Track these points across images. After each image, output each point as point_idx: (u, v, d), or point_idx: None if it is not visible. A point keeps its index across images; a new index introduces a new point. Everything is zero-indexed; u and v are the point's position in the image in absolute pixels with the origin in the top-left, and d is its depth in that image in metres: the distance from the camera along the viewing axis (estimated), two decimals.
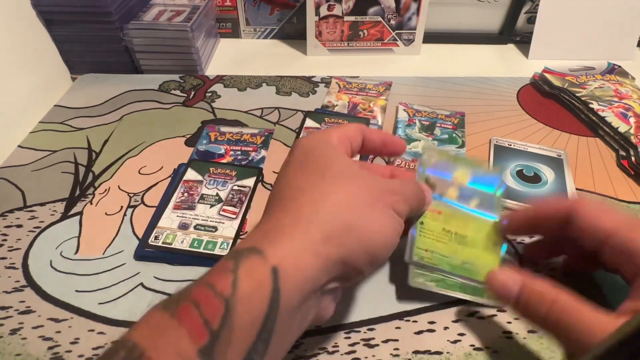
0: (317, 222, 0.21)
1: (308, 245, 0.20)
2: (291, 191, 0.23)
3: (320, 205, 0.22)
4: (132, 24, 0.52)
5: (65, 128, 0.46)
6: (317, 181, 0.23)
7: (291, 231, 0.21)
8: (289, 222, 0.21)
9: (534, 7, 0.63)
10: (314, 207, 0.22)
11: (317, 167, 0.24)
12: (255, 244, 0.20)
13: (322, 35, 0.61)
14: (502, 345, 0.28)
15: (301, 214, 0.22)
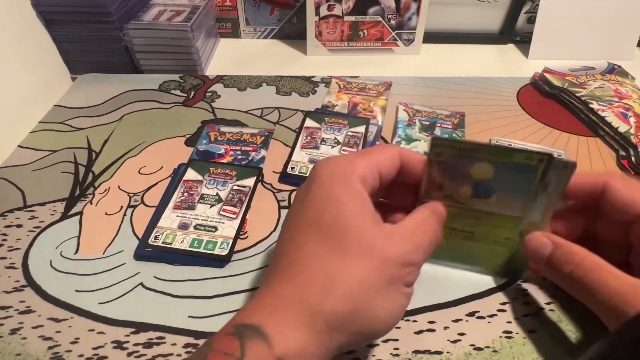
0: (324, 312, 0.20)
1: (311, 336, 0.20)
2: (302, 257, 0.22)
3: (330, 292, 0.21)
4: (132, 24, 0.52)
5: (65, 128, 0.46)
6: (330, 253, 0.21)
7: (298, 316, 0.20)
8: (296, 303, 0.20)
9: (534, 7, 0.63)
10: (323, 292, 0.21)
11: (332, 231, 0.22)
12: (262, 323, 0.20)
13: (322, 35, 0.61)
14: (502, 345, 0.28)
15: (310, 294, 0.21)
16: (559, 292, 0.31)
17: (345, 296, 0.21)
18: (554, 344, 0.28)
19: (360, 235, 0.22)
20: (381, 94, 0.52)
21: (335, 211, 0.22)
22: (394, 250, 0.22)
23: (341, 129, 0.45)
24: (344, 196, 0.23)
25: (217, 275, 0.32)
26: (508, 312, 0.30)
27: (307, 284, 0.21)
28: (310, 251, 0.22)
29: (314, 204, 0.23)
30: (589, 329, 0.29)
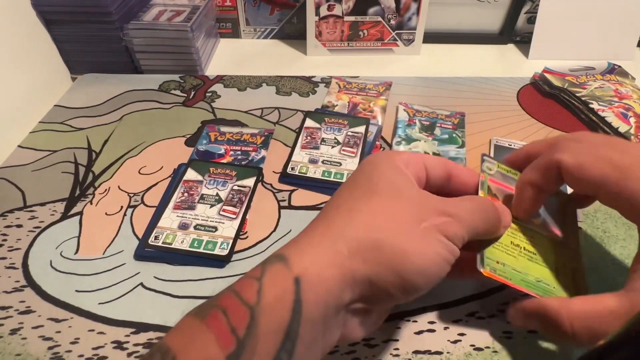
0: (345, 236, 0.21)
1: (332, 257, 0.20)
2: (333, 204, 0.23)
3: (352, 220, 0.21)
4: (132, 24, 0.52)
5: (65, 128, 0.46)
6: (359, 196, 0.23)
7: (318, 241, 0.21)
8: (319, 233, 0.21)
9: (534, 7, 0.63)
10: (346, 220, 0.21)
11: (367, 182, 0.23)
12: (284, 251, 0.21)
13: (322, 35, 0.61)
14: (502, 345, 0.28)
15: (333, 225, 0.21)
16: None
17: (367, 224, 0.21)
18: (554, 344, 0.28)
19: (395, 185, 0.23)
20: (381, 94, 0.52)
21: (372, 173, 0.24)
22: (425, 197, 0.23)
23: (341, 129, 0.45)
24: (384, 166, 0.24)
25: (217, 276, 0.32)
26: None
27: (332, 217, 0.22)
28: (342, 196, 0.24)
29: (355, 176, 0.25)
30: None
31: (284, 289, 0.19)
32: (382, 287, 0.20)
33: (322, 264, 0.20)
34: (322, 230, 0.22)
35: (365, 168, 0.25)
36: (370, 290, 0.20)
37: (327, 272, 0.19)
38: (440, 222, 0.22)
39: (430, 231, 0.21)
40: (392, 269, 0.20)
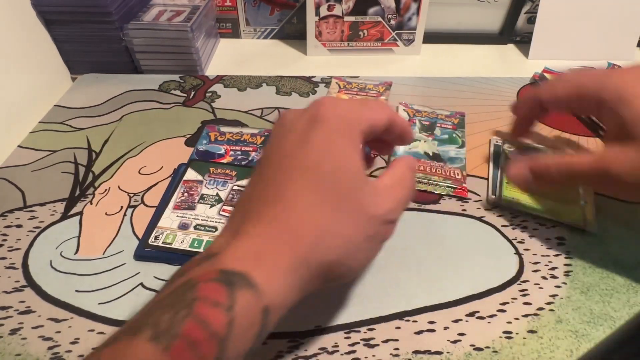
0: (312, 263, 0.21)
1: (297, 285, 0.21)
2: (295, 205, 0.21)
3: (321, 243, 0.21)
4: (132, 24, 0.52)
5: (65, 128, 0.46)
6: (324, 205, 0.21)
7: (286, 265, 0.20)
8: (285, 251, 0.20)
9: (534, 7, 0.63)
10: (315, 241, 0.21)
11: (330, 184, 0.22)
12: (250, 272, 0.19)
13: (322, 35, 0.61)
14: (502, 346, 0.28)
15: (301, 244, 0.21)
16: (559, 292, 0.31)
17: (332, 248, 0.21)
18: (554, 344, 0.28)
19: (354, 193, 0.22)
20: (381, 94, 0.52)
21: (337, 163, 0.22)
22: (380, 208, 0.23)
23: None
24: (348, 150, 0.22)
25: None
26: (508, 312, 0.30)
27: (299, 232, 0.21)
28: (304, 199, 0.21)
29: (316, 148, 0.22)
30: (589, 329, 0.29)
31: (254, 321, 0.19)
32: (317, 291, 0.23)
33: (287, 293, 0.20)
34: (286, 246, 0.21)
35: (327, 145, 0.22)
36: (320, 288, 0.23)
37: (291, 299, 0.21)
38: (384, 230, 0.24)
39: (374, 242, 0.24)
40: (335, 281, 0.23)
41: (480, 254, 0.34)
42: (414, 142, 0.44)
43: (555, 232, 0.35)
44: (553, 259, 0.33)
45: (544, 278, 0.32)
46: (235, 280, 0.19)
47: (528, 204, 0.37)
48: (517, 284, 0.32)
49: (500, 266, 0.33)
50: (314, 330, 0.29)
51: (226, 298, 0.18)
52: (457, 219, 0.37)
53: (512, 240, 0.35)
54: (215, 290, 0.18)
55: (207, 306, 0.18)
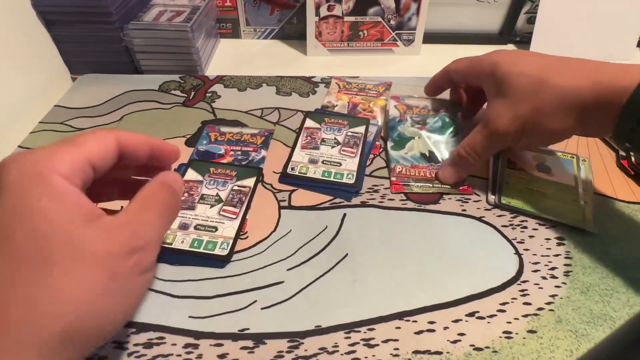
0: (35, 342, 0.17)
1: None
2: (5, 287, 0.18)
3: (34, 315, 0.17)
4: (132, 24, 0.52)
5: (65, 128, 0.46)
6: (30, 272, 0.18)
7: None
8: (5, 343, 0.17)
9: (534, 7, 0.63)
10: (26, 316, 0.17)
11: (30, 247, 0.18)
12: None
13: (322, 35, 0.61)
14: (502, 346, 0.28)
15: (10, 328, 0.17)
16: (559, 292, 0.31)
17: (56, 315, 0.18)
18: (554, 344, 0.28)
19: (68, 240, 0.19)
20: (381, 94, 0.52)
21: (31, 222, 0.18)
22: (112, 242, 0.19)
23: (341, 129, 0.45)
24: (43, 200, 0.19)
25: (217, 276, 0.32)
26: (508, 312, 0.30)
27: (4, 316, 0.17)
28: (2, 278, 0.18)
29: (2, 218, 0.18)
30: (589, 329, 0.29)
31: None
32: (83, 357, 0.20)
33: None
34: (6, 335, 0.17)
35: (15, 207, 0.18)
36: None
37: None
38: (133, 262, 0.20)
39: (126, 281, 0.20)
40: (95, 344, 0.20)
41: (480, 254, 0.34)
42: (408, 143, 0.44)
43: (555, 232, 0.35)
44: (553, 259, 0.33)
45: (544, 278, 0.32)
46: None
47: (528, 205, 0.37)
48: (517, 284, 0.32)
49: (500, 266, 0.33)
50: (314, 330, 0.29)
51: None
52: (457, 219, 0.37)
53: (512, 240, 0.35)
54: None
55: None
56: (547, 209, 0.37)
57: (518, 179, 0.40)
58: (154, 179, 0.24)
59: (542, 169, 0.41)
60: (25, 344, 0.17)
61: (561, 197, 0.38)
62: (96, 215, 0.20)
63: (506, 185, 0.39)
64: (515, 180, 0.40)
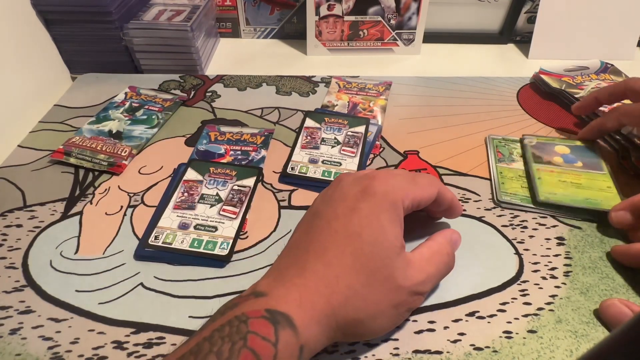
0: (341, 316, 0.24)
1: (326, 331, 0.24)
2: (336, 264, 0.25)
3: (351, 301, 0.24)
4: (132, 24, 0.52)
5: (65, 128, 0.46)
6: (360, 270, 0.25)
7: (321, 314, 0.23)
8: (322, 303, 0.24)
9: (534, 7, 0.63)
10: (347, 299, 0.24)
11: (368, 252, 0.25)
12: (292, 314, 0.23)
13: (322, 35, 0.61)
14: (502, 345, 0.28)
15: (335, 299, 0.24)
16: (559, 293, 0.31)
17: (359, 308, 0.24)
18: (554, 344, 0.28)
19: (387, 264, 0.25)
20: (381, 93, 0.52)
21: (375, 238, 0.25)
22: (409, 281, 0.26)
23: (341, 129, 0.45)
24: (387, 224, 0.26)
25: (217, 275, 0.32)
26: (508, 312, 0.30)
27: (335, 289, 0.24)
28: (343, 261, 0.25)
29: (359, 220, 0.26)
30: (589, 329, 0.29)
31: (291, 356, 0.22)
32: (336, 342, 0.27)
33: (318, 337, 0.24)
34: (323, 298, 0.24)
35: (371, 216, 0.26)
36: None
37: (320, 342, 0.24)
38: (411, 300, 0.26)
39: (399, 310, 0.26)
40: (353, 337, 0.27)
41: (480, 254, 0.34)
42: (104, 122, 0.46)
43: (555, 232, 0.35)
44: (553, 259, 0.33)
45: (544, 278, 0.32)
46: (280, 319, 0.22)
47: (568, 198, 0.37)
48: (517, 284, 0.32)
49: (500, 266, 0.33)
50: None
51: (273, 334, 0.22)
52: (457, 219, 0.36)
53: (512, 240, 0.35)
54: (264, 326, 0.22)
55: (258, 340, 0.21)
56: (588, 199, 0.37)
57: (549, 173, 0.39)
58: (443, 232, 0.30)
59: (569, 160, 0.41)
60: (337, 314, 0.24)
61: (595, 185, 0.38)
62: (403, 247, 0.26)
63: (538, 181, 0.39)
64: (547, 173, 0.39)
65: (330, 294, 0.24)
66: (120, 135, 0.44)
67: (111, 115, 0.47)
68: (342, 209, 0.27)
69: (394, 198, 0.27)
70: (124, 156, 0.41)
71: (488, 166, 0.42)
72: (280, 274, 0.25)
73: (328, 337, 0.24)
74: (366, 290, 0.24)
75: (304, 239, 0.27)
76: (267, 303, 0.23)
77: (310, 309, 0.23)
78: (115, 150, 0.42)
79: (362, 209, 0.26)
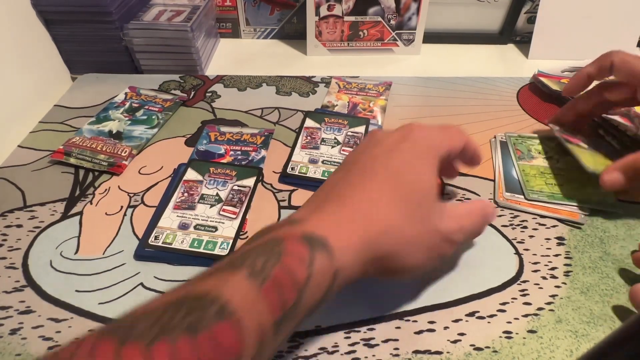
0: (376, 247, 0.24)
1: (361, 260, 0.24)
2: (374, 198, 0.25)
3: (388, 234, 0.24)
4: (132, 24, 0.52)
5: (65, 128, 0.46)
6: (398, 206, 0.25)
7: (357, 242, 0.24)
8: (359, 231, 0.24)
9: (534, 7, 0.63)
10: (384, 231, 0.24)
11: (407, 192, 0.26)
12: (328, 238, 0.23)
13: (322, 35, 0.61)
14: (502, 345, 0.28)
15: (372, 230, 0.24)
16: (559, 292, 0.31)
17: (396, 242, 0.25)
18: (554, 344, 0.28)
19: (425, 205, 0.26)
20: (381, 94, 0.52)
21: (415, 178, 0.26)
22: (443, 226, 0.26)
23: (341, 129, 0.45)
24: (427, 171, 0.27)
25: None
26: (508, 312, 0.30)
27: (373, 220, 0.24)
28: (383, 195, 0.25)
29: (400, 160, 0.27)
30: (589, 329, 0.29)
31: (325, 278, 0.22)
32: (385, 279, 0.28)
33: (353, 265, 0.23)
34: (361, 227, 0.24)
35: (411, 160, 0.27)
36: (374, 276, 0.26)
37: (353, 270, 0.24)
38: (444, 246, 0.27)
39: (431, 253, 0.26)
40: (384, 273, 0.26)
41: (481, 254, 0.34)
42: (104, 122, 0.46)
43: (555, 232, 0.35)
44: (553, 259, 0.33)
45: (544, 278, 0.32)
46: (315, 242, 0.22)
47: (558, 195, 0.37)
48: (517, 284, 0.32)
49: (500, 266, 0.33)
50: (314, 330, 0.29)
51: (308, 256, 0.22)
52: None
53: (512, 240, 0.35)
54: (300, 248, 0.22)
55: (293, 259, 0.22)
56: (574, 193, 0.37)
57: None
58: (480, 201, 0.33)
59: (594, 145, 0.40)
60: (373, 244, 0.24)
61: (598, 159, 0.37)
62: (438, 196, 0.27)
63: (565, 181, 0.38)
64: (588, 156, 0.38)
65: (368, 225, 0.24)
66: (120, 135, 0.44)
67: (111, 115, 0.47)
68: (381, 151, 0.27)
69: (432, 147, 0.27)
70: (124, 156, 0.41)
71: (493, 166, 0.42)
72: (316, 206, 0.26)
73: (363, 267, 0.24)
74: (404, 225, 0.25)
75: (342, 179, 0.27)
76: (304, 228, 0.23)
77: (347, 236, 0.24)
78: (115, 150, 0.42)
79: (402, 150, 0.27)
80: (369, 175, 0.26)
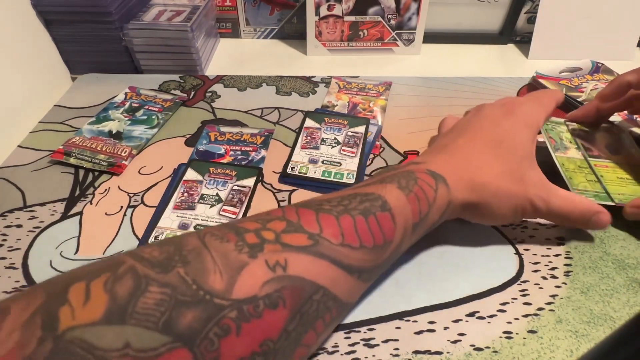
0: (479, 194, 0.30)
1: (464, 204, 0.30)
2: (481, 159, 0.31)
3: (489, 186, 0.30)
4: (132, 24, 0.52)
5: (65, 128, 0.46)
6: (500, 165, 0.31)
7: (466, 186, 0.30)
8: (467, 178, 0.30)
9: (534, 7, 0.63)
10: (486, 183, 0.30)
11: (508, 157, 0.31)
12: (446, 177, 0.29)
13: (322, 35, 0.61)
14: (502, 346, 0.28)
15: (477, 179, 0.30)
16: (559, 292, 0.31)
17: (493, 194, 0.30)
18: (554, 344, 0.28)
19: (520, 169, 0.31)
20: (381, 94, 0.52)
21: (515, 144, 0.31)
22: (533, 191, 0.31)
23: (341, 129, 0.45)
24: (527, 141, 0.32)
25: None
26: (508, 312, 0.30)
27: (477, 172, 0.30)
28: (486, 157, 0.31)
29: (503, 131, 0.32)
30: (589, 329, 0.29)
31: (443, 203, 0.29)
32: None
33: (459, 202, 0.30)
34: (469, 176, 0.30)
35: (513, 132, 0.32)
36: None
37: (458, 208, 0.30)
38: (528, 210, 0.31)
39: (518, 214, 0.31)
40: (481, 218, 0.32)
41: (480, 253, 0.34)
42: (104, 122, 0.46)
43: (555, 232, 0.35)
44: (553, 259, 0.33)
45: (544, 278, 0.32)
46: (438, 177, 0.29)
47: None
48: (517, 284, 0.32)
49: (500, 266, 0.33)
50: None
51: (434, 184, 0.29)
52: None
53: (512, 240, 0.35)
54: (428, 177, 0.29)
55: (424, 184, 0.28)
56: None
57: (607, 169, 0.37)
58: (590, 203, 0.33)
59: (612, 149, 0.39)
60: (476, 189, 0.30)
61: None
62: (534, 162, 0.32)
63: (602, 179, 0.36)
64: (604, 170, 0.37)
65: (473, 175, 0.30)
66: (120, 135, 0.44)
67: (111, 115, 0.47)
68: (486, 124, 0.33)
69: (531, 121, 0.33)
70: (124, 156, 0.41)
71: None
72: (433, 156, 0.31)
73: (463, 207, 0.30)
74: (502, 182, 0.30)
75: (451, 143, 0.32)
76: (427, 166, 0.30)
77: (458, 179, 0.30)
78: (115, 150, 0.42)
79: (505, 125, 0.32)
80: (475, 141, 0.32)
